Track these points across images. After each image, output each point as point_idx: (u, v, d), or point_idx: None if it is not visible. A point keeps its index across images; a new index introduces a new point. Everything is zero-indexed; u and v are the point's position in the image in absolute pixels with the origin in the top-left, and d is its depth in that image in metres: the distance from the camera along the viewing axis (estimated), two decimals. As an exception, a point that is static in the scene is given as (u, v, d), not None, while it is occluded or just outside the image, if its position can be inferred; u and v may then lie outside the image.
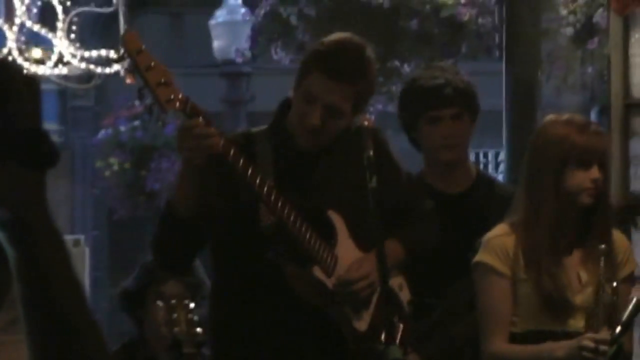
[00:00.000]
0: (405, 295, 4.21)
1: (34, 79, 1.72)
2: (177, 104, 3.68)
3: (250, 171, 3.79)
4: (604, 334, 4.04)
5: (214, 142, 3.73)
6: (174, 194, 4.06)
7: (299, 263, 4.05)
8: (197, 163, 3.78)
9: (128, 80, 5.95)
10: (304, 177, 4.17)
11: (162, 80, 3.67)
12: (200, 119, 3.74)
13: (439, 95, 4.67)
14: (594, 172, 4.13)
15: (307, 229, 3.95)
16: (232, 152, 3.79)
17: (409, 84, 5.04)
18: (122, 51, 4.55)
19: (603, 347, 4.00)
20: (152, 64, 3.67)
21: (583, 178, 4.12)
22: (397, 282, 4.13)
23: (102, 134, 10.14)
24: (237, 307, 4.20)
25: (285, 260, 4.01)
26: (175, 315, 3.74)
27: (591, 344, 4.02)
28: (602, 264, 4.16)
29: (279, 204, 3.83)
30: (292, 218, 3.91)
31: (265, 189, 3.83)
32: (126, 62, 5.16)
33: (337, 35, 4.29)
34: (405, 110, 4.86)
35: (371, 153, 3.87)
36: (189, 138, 3.72)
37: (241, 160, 3.80)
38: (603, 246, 4.15)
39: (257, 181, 3.80)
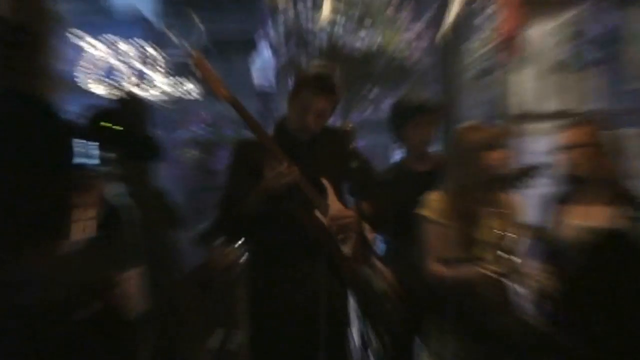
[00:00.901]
0: (371, 235, 5.31)
1: (148, 104, 3.83)
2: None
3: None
4: (499, 265, 5.01)
5: (296, 176, 4.90)
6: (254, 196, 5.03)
7: (305, 208, 5.02)
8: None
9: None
10: (302, 157, 5.01)
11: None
12: (285, 164, 4.88)
13: (419, 108, 6.06)
14: (496, 154, 5.26)
15: (310, 187, 4.97)
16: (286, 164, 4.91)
17: (399, 102, 6.34)
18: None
19: (496, 272, 5.00)
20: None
21: (488, 159, 5.19)
22: (365, 227, 5.20)
23: (178, 132, 11.91)
24: (270, 243, 5.11)
25: (297, 206, 4.99)
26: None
27: (489, 272, 5.04)
28: (499, 216, 5.21)
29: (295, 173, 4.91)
30: (302, 180, 4.94)
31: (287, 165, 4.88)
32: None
33: (316, 65, 5.44)
34: (398, 115, 6.18)
35: (353, 145, 5.21)
36: (282, 178, 4.88)
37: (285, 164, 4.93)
38: (500, 203, 5.20)
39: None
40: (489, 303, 5.22)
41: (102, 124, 2.50)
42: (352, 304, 5.57)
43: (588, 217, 5.41)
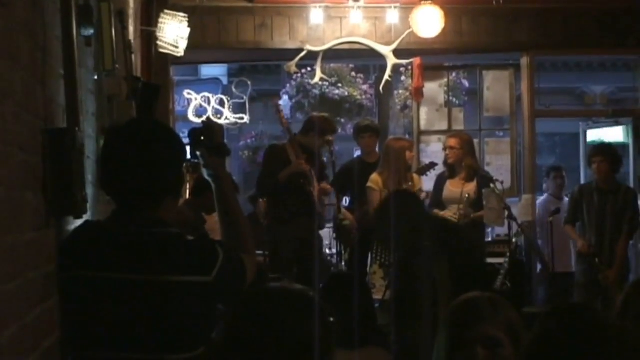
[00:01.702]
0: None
1: (223, 126, 7.82)
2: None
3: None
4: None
5: (306, 166, 8.12)
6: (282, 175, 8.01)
7: (308, 184, 8.29)
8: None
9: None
10: (308, 157, 8.28)
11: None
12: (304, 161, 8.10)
13: (366, 128, 9.34)
14: (409, 154, 8.41)
15: (311, 173, 8.26)
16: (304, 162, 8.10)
17: (357, 124, 9.60)
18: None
19: None
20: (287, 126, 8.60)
21: (405, 156, 8.28)
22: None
23: (239, 143, 15.62)
24: (283, 206, 8.25)
25: (304, 184, 8.24)
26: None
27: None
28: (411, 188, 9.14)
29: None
30: (308, 169, 8.17)
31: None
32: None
33: (318, 114, 9.06)
34: (356, 132, 9.37)
35: (333, 150, 8.68)
36: (300, 166, 8.16)
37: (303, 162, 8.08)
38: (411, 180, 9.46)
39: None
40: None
41: (201, 137, 3.09)
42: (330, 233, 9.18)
43: (459, 187, 8.66)
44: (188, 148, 3.07)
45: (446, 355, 2.68)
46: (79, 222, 3.06)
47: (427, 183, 9.27)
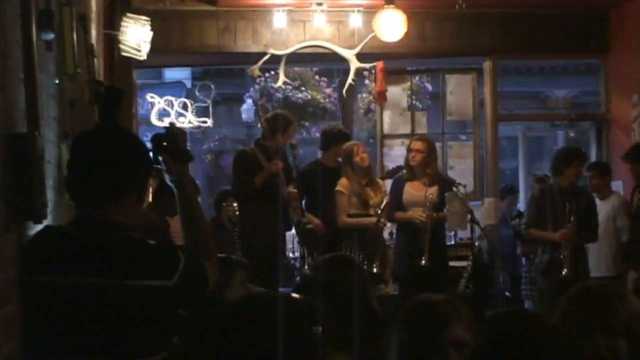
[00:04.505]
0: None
1: (185, 131, 7.92)
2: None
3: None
4: (377, 216, 7.94)
5: (279, 168, 8.20)
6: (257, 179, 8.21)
7: (279, 185, 8.36)
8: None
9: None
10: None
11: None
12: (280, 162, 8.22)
13: (337, 133, 9.25)
14: (365, 156, 9.33)
15: (283, 175, 8.36)
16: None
17: (330, 129, 9.40)
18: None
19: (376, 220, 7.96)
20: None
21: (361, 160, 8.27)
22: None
23: (202, 146, 15.82)
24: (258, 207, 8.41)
25: (278, 183, 8.28)
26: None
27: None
28: (375, 191, 8.38)
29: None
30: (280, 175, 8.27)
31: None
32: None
33: (286, 114, 8.82)
34: (324, 137, 9.29)
35: (296, 153, 8.76)
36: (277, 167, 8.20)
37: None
38: (377, 184, 8.55)
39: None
40: (370, 236, 8.24)
41: (164, 143, 3.09)
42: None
43: (421, 189, 8.52)
44: (151, 153, 3.07)
45: (408, 357, 2.73)
46: (39, 227, 3.05)
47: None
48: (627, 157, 8.89)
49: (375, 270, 8.19)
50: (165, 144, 3.08)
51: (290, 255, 10.46)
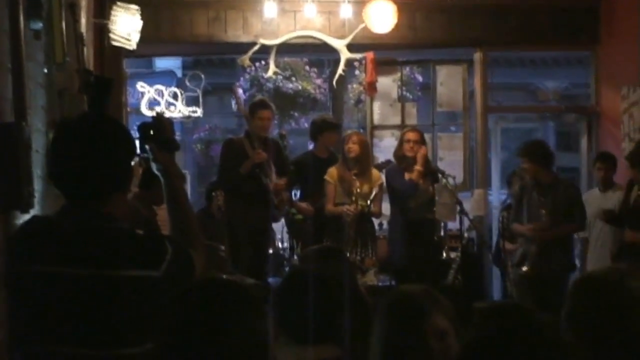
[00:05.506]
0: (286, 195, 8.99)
1: (173, 120, 8.02)
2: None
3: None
4: (364, 205, 8.21)
5: (264, 157, 8.52)
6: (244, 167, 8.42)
7: (265, 175, 8.69)
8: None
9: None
10: (265, 149, 8.66)
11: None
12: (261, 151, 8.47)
13: (333, 125, 9.52)
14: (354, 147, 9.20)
15: (268, 165, 8.64)
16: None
17: (324, 121, 9.59)
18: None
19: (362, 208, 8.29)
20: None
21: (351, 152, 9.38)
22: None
23: (195, 136, 15.89)
24: (239, 200, 8.62)
25: (259, 174, 8.65)
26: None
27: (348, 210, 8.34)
28: (364, 181, 8.41)
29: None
30: (264, 165, 8.59)
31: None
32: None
33: (259, 98, 9.73)
34: (311, 127, 9.52)
35: (285, 143, 9.82)
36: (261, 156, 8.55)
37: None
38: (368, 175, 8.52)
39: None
40: (346, 225, 8.45)
41: (151, 132, 3.10)
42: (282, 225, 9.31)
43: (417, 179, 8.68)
44: (138, 142, 3.05)
45: (391, 348, 2.73)
46: (26, 217, 3.03)
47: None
48: (632, 158, 8.49)
49: (352, 259, 8.19)
50: (152, 132, 3.06)
51: (280, 245, 10.48)
